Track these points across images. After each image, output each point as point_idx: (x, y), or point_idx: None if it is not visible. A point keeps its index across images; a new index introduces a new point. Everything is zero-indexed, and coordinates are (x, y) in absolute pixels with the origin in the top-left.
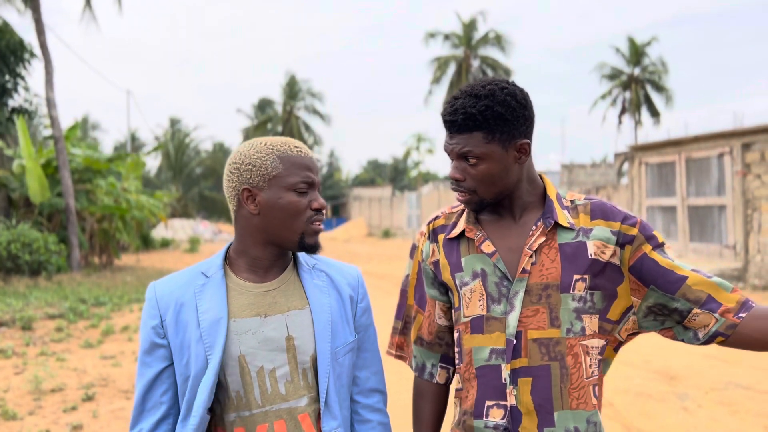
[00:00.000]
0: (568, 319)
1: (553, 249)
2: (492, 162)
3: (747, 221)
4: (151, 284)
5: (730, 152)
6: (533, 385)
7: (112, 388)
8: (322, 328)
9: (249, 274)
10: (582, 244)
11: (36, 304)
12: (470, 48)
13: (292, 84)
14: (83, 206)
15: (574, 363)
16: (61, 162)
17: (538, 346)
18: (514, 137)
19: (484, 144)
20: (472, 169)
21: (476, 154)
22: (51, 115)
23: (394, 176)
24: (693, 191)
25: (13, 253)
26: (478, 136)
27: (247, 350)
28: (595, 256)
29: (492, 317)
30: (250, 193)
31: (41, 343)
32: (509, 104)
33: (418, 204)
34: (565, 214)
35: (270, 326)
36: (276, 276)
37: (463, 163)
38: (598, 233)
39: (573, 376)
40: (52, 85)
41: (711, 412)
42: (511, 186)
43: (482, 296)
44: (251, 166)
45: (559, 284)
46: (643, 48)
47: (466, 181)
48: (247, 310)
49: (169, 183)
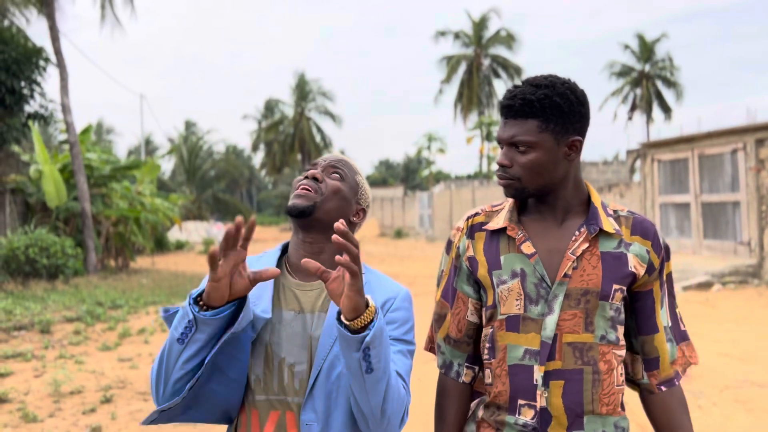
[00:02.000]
0: (603, 326)
1: (595, 256)
2: (542, 152)
3: (761, 217)
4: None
5: (744, 148)
6: (565, 389)
7: (129, 390)
8: (332, 324)
9: (295, 271)
10: (623, 255)
11: (54, 307)
12: (480, 47)
13: (302, 84)
14: (99, 210)
15: (607, 369)
16: (76, 167)
17: (572, 350)
18: (567, 132)
19: (538, 132)
20: (521, 157)
21: (528, 141)
22: (66, 120)
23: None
24: (706, 188)
25: (31, 257)
26: (533, 123)
27: (276, 340)
28: (633, 269)
29: (529, 317)
30: None
31: (60, 346)
32: (568, 97)
33: (429, 204)
34: (610, 222)
35: (300, 323)
36: (318, 278)
37: (513, 150)
38: (635, 249)
39: (605, 382)
40: (67, 91)
41: (726, 410)
42: (557, 182)
43: (520, 296)
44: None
45: (599, 291)
46: (653, 45)
47: (513, 168)
48: (284, 303)
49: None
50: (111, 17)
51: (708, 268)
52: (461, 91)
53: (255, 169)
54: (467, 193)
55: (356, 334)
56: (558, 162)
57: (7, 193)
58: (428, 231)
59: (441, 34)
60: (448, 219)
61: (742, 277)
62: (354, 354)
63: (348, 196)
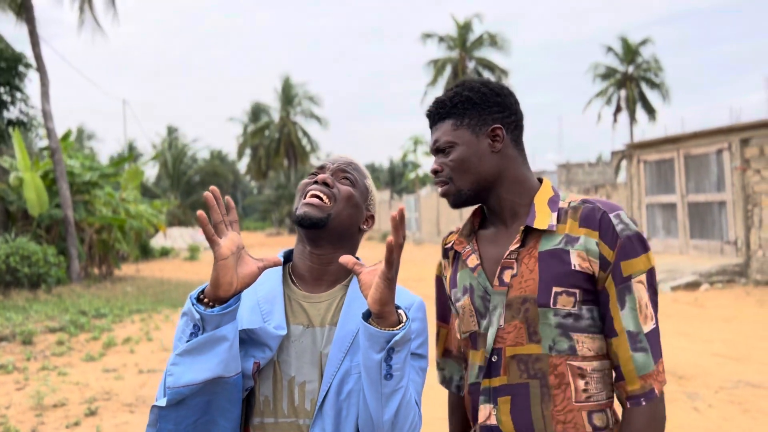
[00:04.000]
0: (549, 335)
1: (532, 258)
2: (462, 148)
3: (747, 217)
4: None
5: (729, 148)
6: (512, 404)
7: (115, 402)
8: (342, 338)
9: (301, 282)
10: (563, 253)
11: (36, 317)
12: (465, 50)
13: (287, 88)
14: (82, 217)
15: (559, 383)
16: (58, 173)
17: (516, 363)
18: (485, 123)
19: (453, 131)
20: (447, 159)
21: (447, 141)
22: (47, 126)
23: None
24: (692, 188)
25: (12, 266)
26: (448, 123)
27: (284, 358)
28: (580, 267)
29: (481, 333)
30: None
31: (42, 358)
32: (479, 90)
33: (416, 207)
34: (549, 218)
35: (309, 338)
36: (327, 289)
37: (441, 155)
38: (582, 243)
39: (557, 398)
40: (48, 97)
41: (722, 411)
42: (490, 178)
43: (472, 312)
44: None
45: (535, 298)
46: (637, 47)
47: (443, 171)
48: (292, 317)
49: (168, 191)
50: (91, 22)
51: (695, 268)
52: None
53: (240, 173)
54: None
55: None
56: (483, 156)
57: None
58: (415, 234)
59: (427, 36)
60: (435, 222)
61: (730, 276)
62: (376, 355)
63: (359, 202)
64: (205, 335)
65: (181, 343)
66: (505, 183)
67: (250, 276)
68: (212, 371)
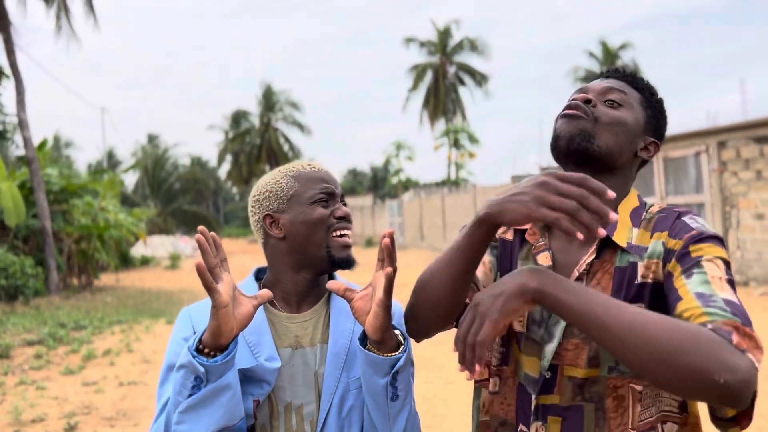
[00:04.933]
0: (611, 356)
1: (607, 273)
2: (632, 117)
3: (725, 218)
4: (184, 309)
5: (707, 150)
6: (563, 426)
7: (95, 416)
8: (335, 355)
9: (282, 304)
10: (634, 266)
11: (13, 330)
12: (446, 55)
13: (268, 95)
14: (60, 227)
15: (616, 407)
16: (35, 183)
17: (572, 385)
18: (653, 130)
19: (637, 103)
20: (608, 107)
21: (625, 99)
22: (24, 135)
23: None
24: (672, 190)
25: None
26: (636, 93)
27: (277, 384)
28: (643, 279)
29: (531, 338)
30: (272, 219)
31: (20, 372)
32: (662, 104)
33: (399, 212)
34: (630, 232)
35: (300, 359)
36: (310, 307)
37: (599, 98)
38: (650, 249)
39: (612, 422)
40: (24, 106)
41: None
42: (616, 165)
43: (523, 317)
44: (269, 193)
45: None
46: (617, 51)
47: (596, 109)
48: (279, 341)
49: (148, 199)
50: (67, 29)
51: None
52: (427, 98)
53: (221, 180)
54: (437, 201)
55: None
56: (632, 144)
57: None
58: (399, 239)
59: (409, 41)
60: (418, 226)
61: None
62: (380, 380)
63: None
64: (210, 387)
65: (181, 398)
66: (615, 179)
67: (247, 317)
68: (218, 423)
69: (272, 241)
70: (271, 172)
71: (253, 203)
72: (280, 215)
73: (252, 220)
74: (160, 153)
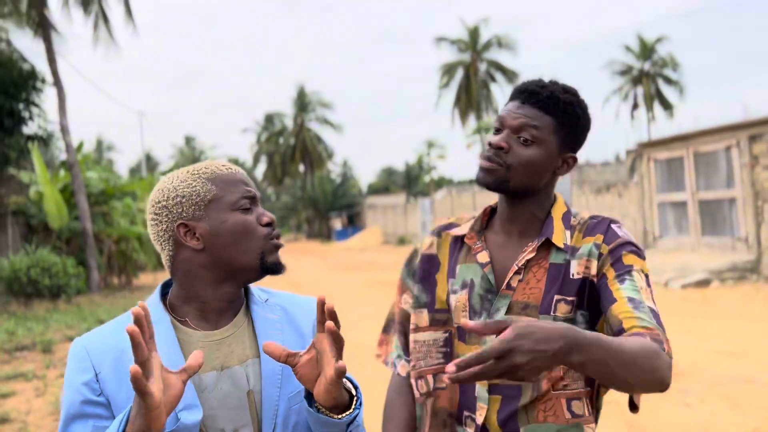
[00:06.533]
0: None
1: (542, 269)
2: (543, 152)
3: (758, 213)
4: (75, 340)
5: (738, 145)
6: (501, 403)
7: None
8: (270, 372)
9: (199, 321)
10: (567, 265)
11: (56, 327)
12: (476, 52)
13: (301, 96)
14: (100, 229)
15: (546, 377)
16: (76, 187)
17: None
18: (570, 145)
19: (550, 132)
20: (521, 147)
21: (537, 135)
22: (65, 141)
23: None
24: (702, 185)
25: (33, 278)
26: (549, 120)
27: (207, 412)
28: (578, 275)
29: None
30: (187, 228)
31: (61, 366)
32: (585, 114)
33: (431, 210)
34: (565, 234)
35: (228, 380)
36: (229, 320)
37: (513, 138)
38: (583, 250)
39: (544, 388)
40: (65, 112)
41: (712, 406)
42: (536, 189)
43: (465, 307)
44: (181, 198)
45: (538, 305)
46: (654, 44)
47: (508, 155)
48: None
49: None
50: (105, 37)
51: (706, 265)
52: (458, 96)
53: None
54: (468, 198)
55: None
56: (549, 170)
57: (9, 215)
58: None
59: (440, 40)
60: None
61: (741, 273)
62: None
63: None
64: None
65: None
66: (539, 197)
67: (177, 397)
68: None
69: (186, 253)
70: (173, 173)
71: (157, 210)
72: (196, 223)
73: (155, 231)
74: (198, 154)
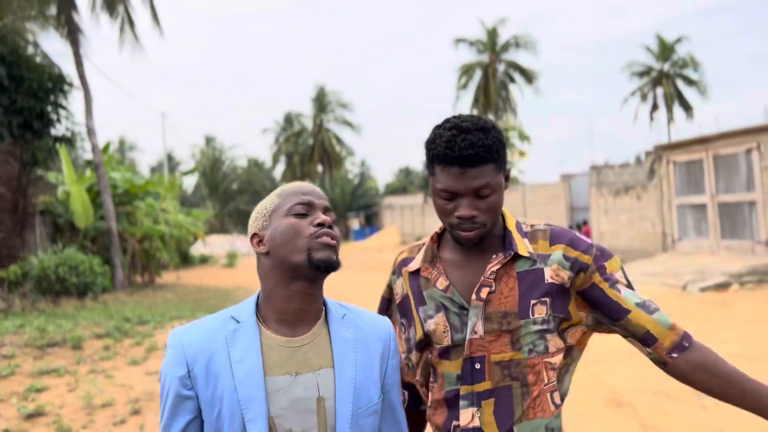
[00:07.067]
0: (530, 341)
1: (511, 278)
2: (500, 192)
3: None
4: (174, 331)
5: (758, 147)
6: (495, 405)
7: (157, 402)
8: (344, 387)
9: (279, 326)
10: (539, 271)
11: (84, 324)
12: (495, 53)
13: (321, 96)
14: (124, 228)
15: (536, 380)
16: (102, 187)
17: (500, 369)
18: (504, 164)
19: (496, 175)
20: (483, 203)
21: (492, 186)
22: (91, 142)
23: (425, 183)
24: (722, 188)
25: (61, 276)
26: (492, 167)
27: (277, 411)
28: (551, 279)
29: (456, 345)
30: (258, 237)
31: (91, 362)
32: (499, 131)
33: None
34: (525, 243)
35: (300, 386)
36: (307, 330)
37: (473, 198)
38: (554, 257)
39: (534, 392)
40: (92, 114)
41: (728, 409)
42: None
43: (446, 328)
44: (256, 214)
45: (517, 312)
46: (673, 45)
47: (479, 217)
48: (278, 368)
49: (206, 199)
50: (131, 39)
51: (725, 269)
52: (477, 97)
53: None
54: None
55: None
56: (502, 195)
57: (37, 214)
58: None
59: (459, 41)
60: None
61: (761, 277)
62: None
63: None
64: None
65: None
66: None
67: None
68: None
69: (260, 259)
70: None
71: (249, 229)
72: (264, 232)
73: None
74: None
